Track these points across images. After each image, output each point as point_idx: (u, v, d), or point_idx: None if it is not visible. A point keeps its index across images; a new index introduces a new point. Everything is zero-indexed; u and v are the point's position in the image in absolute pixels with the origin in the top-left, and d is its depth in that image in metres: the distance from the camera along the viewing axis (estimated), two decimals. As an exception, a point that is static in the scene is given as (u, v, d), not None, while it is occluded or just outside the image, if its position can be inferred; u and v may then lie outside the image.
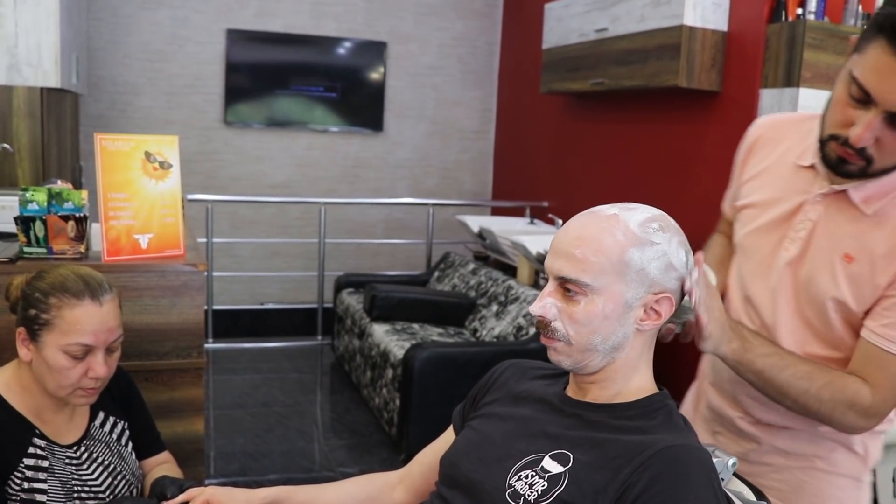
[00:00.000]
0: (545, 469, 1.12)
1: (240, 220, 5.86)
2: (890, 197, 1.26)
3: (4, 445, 1.49)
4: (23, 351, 1.53)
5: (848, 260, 1.27)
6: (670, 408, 1.18)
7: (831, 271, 1.29)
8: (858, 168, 1.21)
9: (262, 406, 4.30)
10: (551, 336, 1.17)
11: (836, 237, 1.29)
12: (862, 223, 1.27)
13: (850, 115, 1.17)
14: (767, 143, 1.46)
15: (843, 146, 1.20)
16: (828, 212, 1.31)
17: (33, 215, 1.89)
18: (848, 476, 1.41)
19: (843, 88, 1.18)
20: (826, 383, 1.25)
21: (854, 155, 1.19)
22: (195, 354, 2.05)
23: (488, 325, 4.17)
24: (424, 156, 6.26)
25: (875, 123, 1.14)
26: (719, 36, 3.81)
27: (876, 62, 1.10)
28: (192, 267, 2.02)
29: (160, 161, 2.01)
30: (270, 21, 5.71)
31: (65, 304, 1.49)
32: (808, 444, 1.40)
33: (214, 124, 5.73)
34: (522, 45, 5.92)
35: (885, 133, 1.15)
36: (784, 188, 1.38)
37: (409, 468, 1.47)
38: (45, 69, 3.93)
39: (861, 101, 1.15)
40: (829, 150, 1.24)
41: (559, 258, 1.15)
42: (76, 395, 1.54)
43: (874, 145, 1.17)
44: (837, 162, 1.23)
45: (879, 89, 1.11)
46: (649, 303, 1.15)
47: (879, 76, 1.10)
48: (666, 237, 1.15)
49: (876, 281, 1.25)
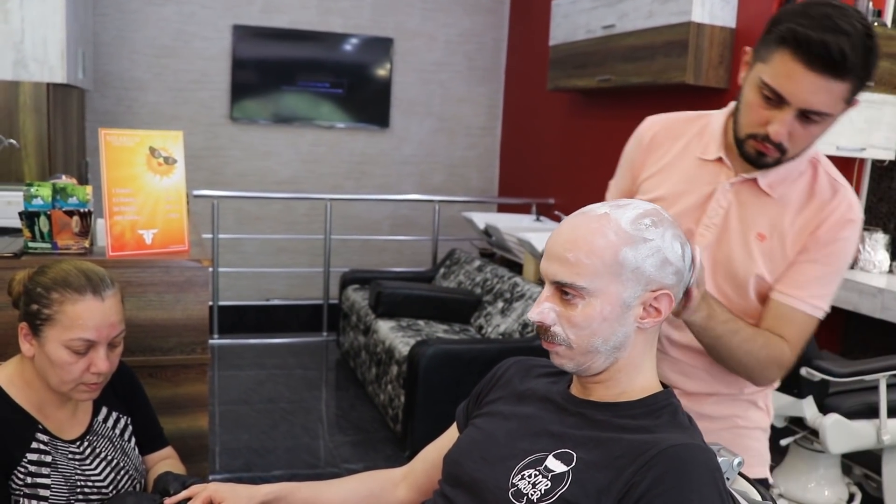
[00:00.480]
0: (549, 468, 1.11)
1: (246, 216, 5.86)
2: (789, 181, 1.46)
3: (7, 440, 1.49)
4: (25, 346, 1.52)
5: (761, 238, 1.46)
6: (675, 406, 1.18)
7: (748, 250, 1.46)
8: (775, 159, 1.39)
9: (267, 402, 4.30)
10: (551, 341, 1.16)
11: (748, 220, 1.46)
12: (770, 205, 1.46)
13: (764, 115, 1.35)
14: (664, 141, 1.59)
15: (762, 142, 1.37)
16: (738, 198, 1.48)
17: (38, 210, 1.89)
18: (760, 428, 1.62)
19: (755, 93, 1.35)
20: (763, 344, 1.43)
21: (772, 149, 1.37)
22: (199, 350, 2.05)
23: (494, 322, 4.16)
24: (431, 152, 6.25)
25: (789, 120, 1.32)
26: (727, 33, 3.80)
27: (784, 69, 1.28)
28: (196, 262, 2.01)
29: (165, 156, 2.01)
30: (277, 17, 5.71)
31: (66, 300, 1.48)
32: (729, 406, 1.58)
33: (220, 120, 5.73)
34: (529, 42, 5.90)
35: (795, 127, 1.33)
36: (690, 181, 1.52)
37: (412, 465, 1.46)
38: (51, 65, 3.93)
39: (774, 103, 1.32)
40: (748, 147, 1.40)
41: (553, 262, 1.14)
42: (78, 390, 1.53)
43: (788, 141, 1.35)
44: (757, 156, 1.40)
45: (791, 91, 1.29)
46: (648, 300, 1.14)
47: (789, 80, 1.28)
48: (659, 232, 1.14)
49: (786, 254, 1.45)
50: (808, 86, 1.27)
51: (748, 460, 1.52)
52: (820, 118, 1.32)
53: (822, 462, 2.90)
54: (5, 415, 1.51)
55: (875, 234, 3.63)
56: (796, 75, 1.27)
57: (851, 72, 1.25)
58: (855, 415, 2.71)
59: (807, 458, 2.91)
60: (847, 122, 3.52)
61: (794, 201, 1.45)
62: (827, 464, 2.91)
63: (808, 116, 1.31)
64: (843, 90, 1.28)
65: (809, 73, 1.26)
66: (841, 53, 1.24)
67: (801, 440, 2.90)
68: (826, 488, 2.90)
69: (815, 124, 1.33)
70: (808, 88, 1.28)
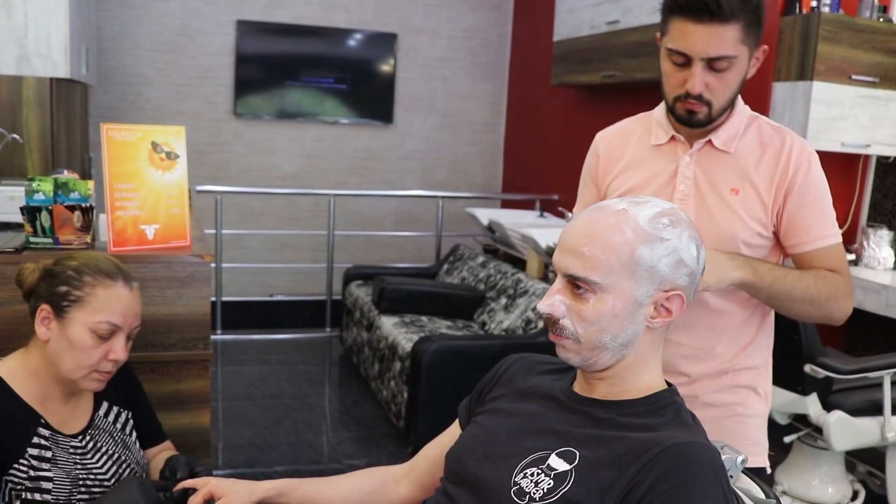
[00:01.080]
0: (551, 467, 1.10)
1: (249, 211, 5.86)
2: (739, 136, 1.56)
3: (10, 433, 1.49)
4: (41, 329, 1.53)
5: (735, 192, 1.54)
6: (678, 404, 1.17)
7: (727, 205, 1.54)
8: (705, 114, 1.50)
9: (270, 398, 4.30)
10: (560, 333, 1.15)
11: (717, 180, 1.56)
12: (731, 161, 1.56)
13: (679, 77, 1.49)
14: (617, 145, 1.70)
15: (686, 100, 1.49)
16: (700, 164, 1.58)
17: (39, 205, 1.89)
18: (759, 416, 1.67)
19: (667, 62, 1.51)
20: (815, 278, 1.52)
21: (696, 103, 1.48)
22: (201, 346, 2.04)
23: (497, 319, 4.15)
24: (434, 148, 6.24)
25: (699, 72, 1.45)
26: (732, 28, 3.77)
27: (680, 30, 1.45)
28: (198, 258, 2.01)
29: (167, 151, 2.00)
30: (280, 12, 5.70)
31: (99, 283, 1.52)
32: (730, 393, 1.62)
33: (224, 115, 5.72)
34: (533, 38, 5.89)
35: (708, 78, 1.46)
36: (652, 166, 1.63)
37: (414, 462, 1.46)
38: (54, 60, 3.93)
39: (683, 64, 1.47)
40: (678, 109, 1.53)
41: (567, 255, 1.13)
42: (91, 377, 1.54)
43: (707, 90, 1.47)
44: (688, 115, 1.51)
45: (689, 47, 1.44)
46: (660, 300, 1.13)
47: (685, 38, 1.44)
48: (676, 232, 1.13)
49: (763, 200, 1.53)
50: (700, 37, 1.42)
51: (747, 448, 1.55)
52: (727, 62, 1.45)
53: (826, 459, 2.89)
54: (8, 407, 1.51)
55: (879, 230, 3.62)
56: (688, 31, 1.43)
57: (733, 14, 1.40)
58: (859, 412, 2.70)
59: (810, 455, 2.91)
60: (852, 118, 3.51)
61: (751, 152, 1.56)
62: (831, 461, 2.90)
63: (714, 66, 1.45)
64: (734, 32, 1.42)
65: (698, 25, 1.42)
66: (716, 2, 1.39)
67: (804, 437, 2.89)
68: (830, 485, 2.90)
69: (725, 71, 1.46)
70: (701, 38, 1.42)
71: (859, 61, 3.51)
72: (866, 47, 3.51)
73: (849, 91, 3.49)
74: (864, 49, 3.51)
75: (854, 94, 3.51)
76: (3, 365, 1.57)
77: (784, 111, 3.57)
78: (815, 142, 3.46)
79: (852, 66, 3.50)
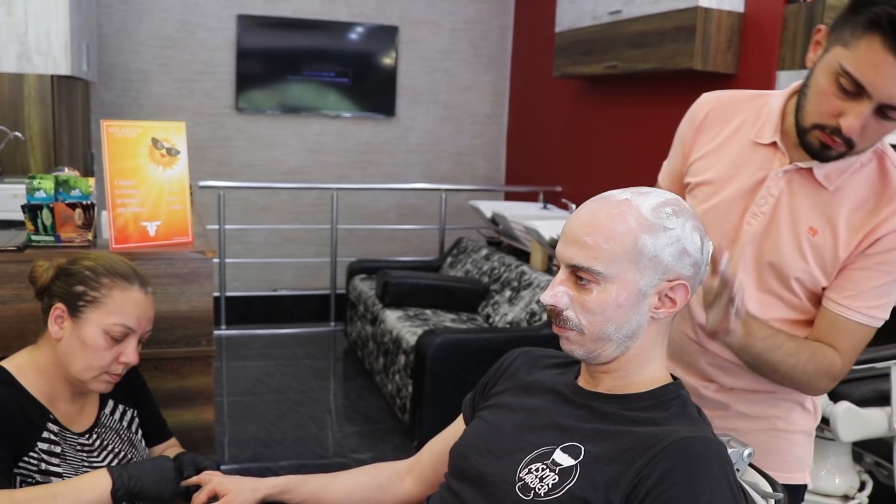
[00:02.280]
0: (556, 462, 1.09)
1: (252, 206, 5.86)
2: (847, 173, 1.34)
3: (21, 425, 1.49)
4: (54, 328, 1.53)
5: (812, 233, 1.35)
6: (684, 398, 1.16)
7: (797, 244, 1.36)
8: (839, 154, 1.28)
9: (275, 393, 4.30)
10: (563, 325, 1.14)
11: (800, 211, 1.36)
12: (824, 198, 1.35)
13: (837, 105, 1.23)
14: (717, 120, 1.49)
15: (830, 135, 1.25)
16: (790, 187, 1.37)
17: (40, 203, 1.88)
18: (803, 432, 1.52)
19: (830, 80, 1.22)
20: (809, 356, 1.35)
21: (840, 143, 1.25)
22: (204, 342, 2.03)
23: (501, 311, 4.14)
24: (437, 141, 6.22)
25: (865, 114, 1.20)
26: (735, 17, 3.76)
27: (872, 58, 1.16)
28: (200, 254, 2.00)
29: (167, 147, 1.99)
30: (281, 6, 5.68)
31: (117, 286, 1.53)
32: (770, 406, 1.49)
33: (226, 111, 5.71)
34: (535, 29, 5.86)
35: (870, 122, 1.21)
36: (741, 165, 1.43)
37: (418, 457, 1.45)
38: (55, 57, 3.92)
39: (852, 94, 1.20)
40: (812, 138, 1.29)
41: (570, 246, 1.12)
42: (100, 379, 1.54)
43: (859, 135, 1.23)
44: (821, 148, 1.28)
45: (876, 84, 1.16)
46: (664, 290, 1.12)
47: (877, 72, 1.16)
48: (680, 222, 1.12)
49: (838, 253, 1.34)
50: (894, 77, 1.15)
51: (786, 465, 1.46)
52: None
53: (833, 450, 2.88)
54: (19, 400, 1.51)
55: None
56: (885, 66, 1.15)
57: None
58: (866, 402, 2.69)
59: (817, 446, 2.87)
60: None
61: (852, 194, 1.34)
62: (838, 452, 2.89)
63: (887, 113, 1.20)
64: None
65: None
66: None
67: (811, 428, 2.88)
68: (837, 476, 2.89)
69: (891, 121, 1.22)
70: (893, 79, 1.15)
71: None
72: None
73: None
74: None
75: None
76: (12, 361, 1.58)
77: (788, 100, 3.55)
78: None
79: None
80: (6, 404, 1.47)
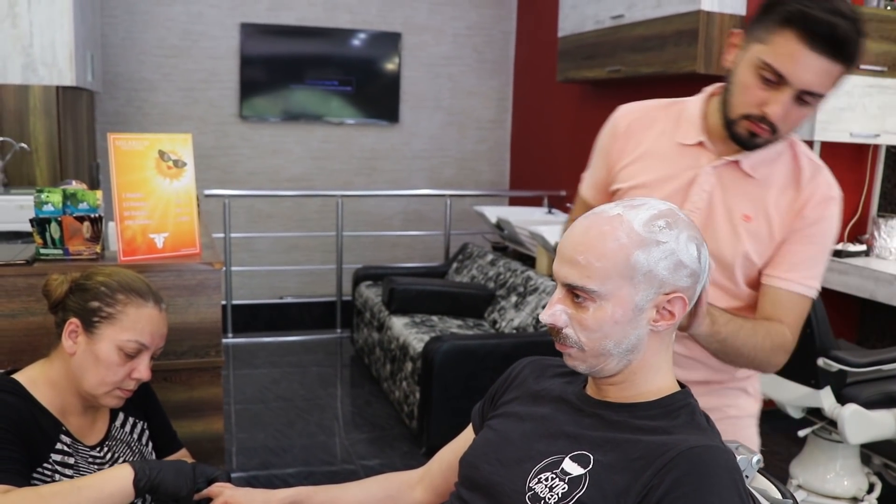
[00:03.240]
0: (565, 471, 1.10)
1: (257, 214, 5.87)
2: (769, 162, 1.49)
3: (36, 436, 1.49)
4: (68, 343, 1.54)
5: (747, 220, 1.48)
6: (692, 407, 1.16)
7: (734, 231, 1.48)
8: (765, 141, 1.42)
9: (282, 400, 4.30)
10: (564, 343, 1.15)
11: (732, 202, 1.49)
12: (753, 187, 1.48)
13: (760, 96, 1.36)
14: (639, 128, 1.60)
15: (756, 123, 1.38)
16: (721, 181, 1.49)
17: (48, 217, 1.89)
18: (751, 416, 1.64)
19: (752, 74, 1.36)
20: (765, 334, 1.44)
21: (766, 129, 1.39)
22: (213, 353, 2.04)
23: (508, 317, 4.15)
24: (441, 146, 6.23)
25: (786, 101, 1.34)
26: (737, 20, 3.76)
27: (789, 50, 1.31)
28: (208, 265, 2.00)
29: (174, 159, 2.00)
30: (284, 14, 5.70)
31: (132, 302, 1.54)
32: (721, 396, 1.59)
33: (230, 119, 5.73)
34: (538, 34, 5.87)
35: (791, 108, 1.36)
36: (671, 166, 1.53)
37: (428, 467, 1.46)
38: (60, 68, 3.94)
39: (773, 84, 1.34)
40: (741, 128, 1.41)
41: (564, 265, 1.13)
42: (112, 395, 1.55)
43: (782, 121, 1.37)
44: (749, 137, 1.41)
45: (793, 72, 1.31)
46: (661, 303, 1.12)
47: (792, 61, 1.31)
48: (673, 234, 1.11)
49: (773, 234, 1.48)
50: (810, 66, 1.30)
51: None
52: (814, 100, 1.35)
53: (841, 452, 2.88)
54: (33, 412, 1.52)
55: (890, 220, 3.60)
56: (800, 56, 1.30)
57: (850, 56, 1.30)
58: (873, 404, 2.69)
59: (825, 448, 2.89)
60: (860, 108, 3.49)
61: (776, 182, 1.48)
62: (846, 454, 2.89)
63: (804, 98, 1.34)
64: (838, 73, 1.32)
65: (813, 53, 1.29)
66: (845, 37, 1.28)
67: (819, 431, 2.88)
68: (845, 479, 2.88)
69: (808, 106, 1.36)
70: (810, 69, 1.30)
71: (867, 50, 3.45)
72: (874, 36, 3.48)
73: (857, 81, 3.47)
74: (872, 38, 3.48)
75: (862, 84, 3.48)
76: (25, 374, 1.59)
77: (792, 102, 3.55)
78: (823, 133, 3.44)
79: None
80: (21, 414, 1.48)
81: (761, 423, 1.69)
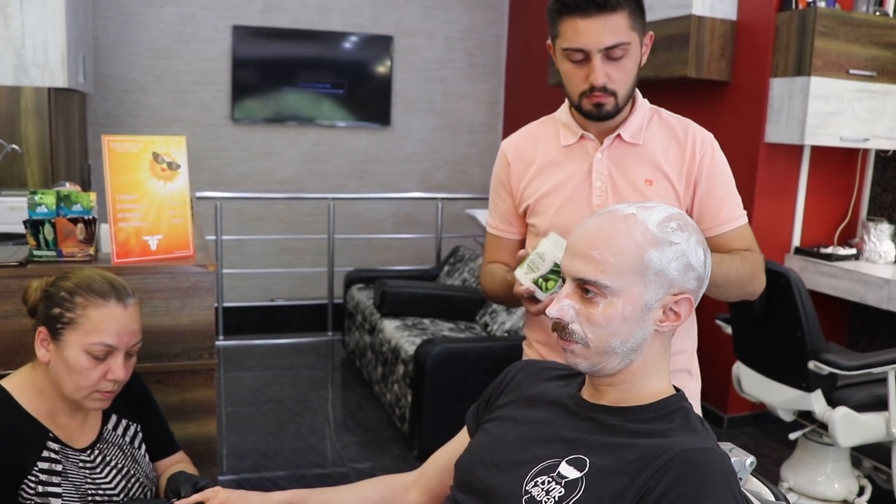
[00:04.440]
0: (562, 474, 1.10)
1: (249, 216, 5.86)
2: (644, 128, 1.65)
3: (19, 448, 1.48)
4: (41, 351, 1.53)
5: (649, 183, 1.62)
6: (687, 410, 1.17)
7: (643, 197, 1.60)
8: (612, 105, 1.58)
9: (273, 403, 4.30)
10: (568, 338, 1.15)
11: (630, 171, 1.63)
12: (642, 153, 1.64)
13: (580, 74, 1.57)
14: (526, 151, 1.75)
15: (592, 94, 1.56)
16: (613, 159, 1.64)
17: (42, 218, 1.89)
18: (694, 397, 1.73)
19: (566, 63, 1.58)
20: (741, 260, 1.61)
21: (602, 95, 1.56)
22: (206, 355, 2.04)
23: (499, 320, 4.15)
24: (433, 150, 6.24)
25: (599, 64, 1.53)
26: (728, 25, 3.78)
27: (572, 29, 1.53)
28: (201, 268, 2.01)
29: (168, 162, 2.00)
30: (276, 17, 5.70)
31: (90, 304, 1.50)
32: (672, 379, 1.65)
33: (222, 121, 5.72)
34: (530, 37, 5.88)
35: (609, 68, 1.54)
36: (566, 167, 1.68)
37: (423, 470, 1.45)
38: (51, 69, 3.93)
39: (582, 61, 1.55)
40: (585, 105, 1.59)
41: (577, 260, 1.14)
42: (92, 398, 1.54)
43: (610, 81, 1.55)
44: (596, 109, 1.58)
45: (584, 41, 1.52)
46: (669, 304, 1.13)
47: (579, 35, 1.52)
48: (684, 236, 1.13)
49: (676, 189, 1.63)
50: (592, 30, 1.51)
51: None
52: (622, 50, 1.53)
53: (832, 455, 2.90)
54: (16, 422, 1.51)
55: (880, 224, 3.62)
56: (580, 28, 1.52)
57: (618, 3, 1.50)
58: (864, 407, 2.70)
59: (816, 451, 2.91)
60: (850, 112, 3.52)
61: (658, 141, 1.64)
62: (836, 457, 2.90)
63: (611, 55, 1.53)
64: (622, 20, 1.51)
65: (588, 20, 1.51)
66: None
67: (809, 434, 2.90)
68: (836, 481, 2.90)
69: (622, 59, 1.54)
70: (594, 31, 1.51)
71: (856, 55, 3.51)
72: (863, 41, 3.51)
73: (846, 85, 3.50)
74: (861, 43, 3.51)
75: (852, 89, 3.51)
76: (11, 380, 1.58)
77: (782, 107, 3.57)
78: (813, 137, 3.46)
79: (849, 61, 3.50)
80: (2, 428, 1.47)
81: (752, 426, 1.72)
